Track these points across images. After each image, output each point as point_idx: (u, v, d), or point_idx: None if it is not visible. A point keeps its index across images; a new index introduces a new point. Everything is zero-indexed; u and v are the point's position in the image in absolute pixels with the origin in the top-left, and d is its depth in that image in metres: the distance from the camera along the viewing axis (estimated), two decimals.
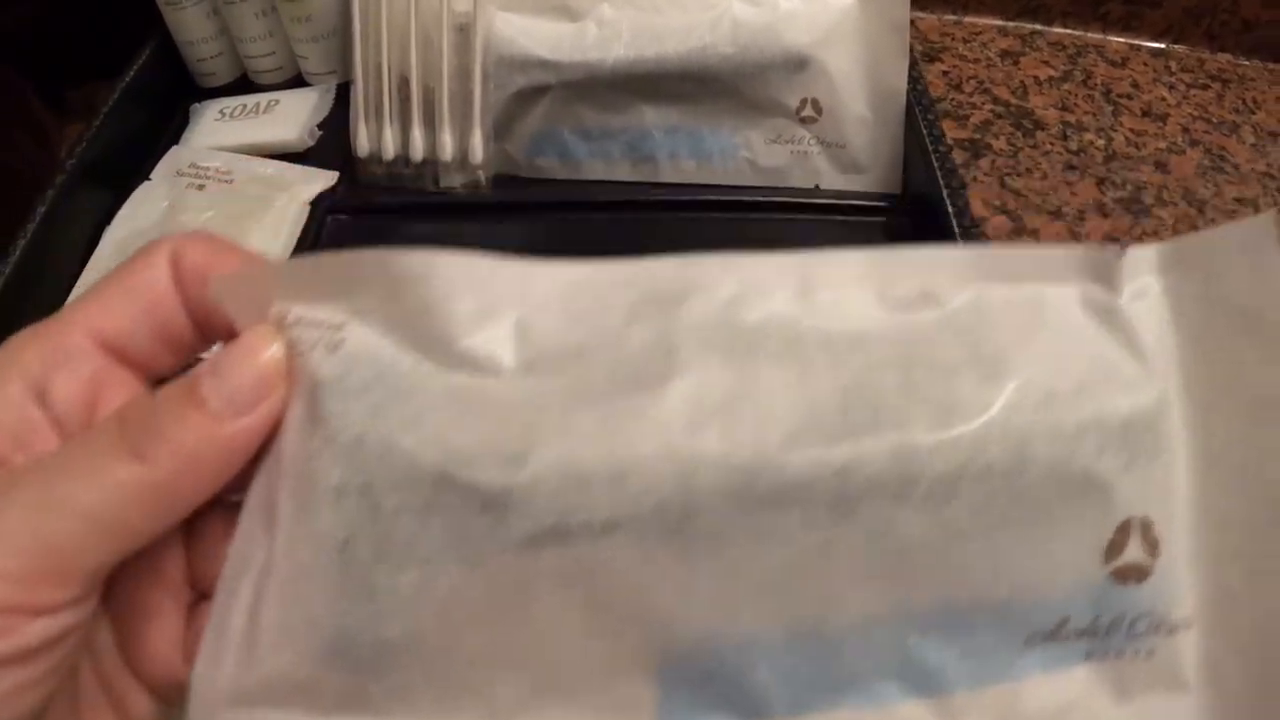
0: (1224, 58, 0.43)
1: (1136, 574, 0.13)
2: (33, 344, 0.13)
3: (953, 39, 0.43)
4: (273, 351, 0.13)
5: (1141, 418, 0.13)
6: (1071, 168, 0.37)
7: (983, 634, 0.13)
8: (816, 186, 0.33)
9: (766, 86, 0.32)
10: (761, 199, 0.33)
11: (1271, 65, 0.42)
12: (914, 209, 0.33)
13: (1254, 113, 0.40)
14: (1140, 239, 0.35)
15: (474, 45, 0.32)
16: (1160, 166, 0.38)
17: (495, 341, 0.12)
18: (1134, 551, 0.13)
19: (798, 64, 0.31)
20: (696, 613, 0.13)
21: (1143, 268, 0.14)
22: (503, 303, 0.13)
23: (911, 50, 0.32)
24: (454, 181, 0.34)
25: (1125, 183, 0.37)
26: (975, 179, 0.37)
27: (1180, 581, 0.13)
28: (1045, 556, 0.13)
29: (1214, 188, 0.37)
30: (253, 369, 0.12)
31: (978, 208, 0.36)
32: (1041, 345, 0.13)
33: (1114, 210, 0.36)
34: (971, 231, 0.28)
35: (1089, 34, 0.43)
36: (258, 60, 0.40)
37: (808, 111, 0.32)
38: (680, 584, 0.12)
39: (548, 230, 0.34)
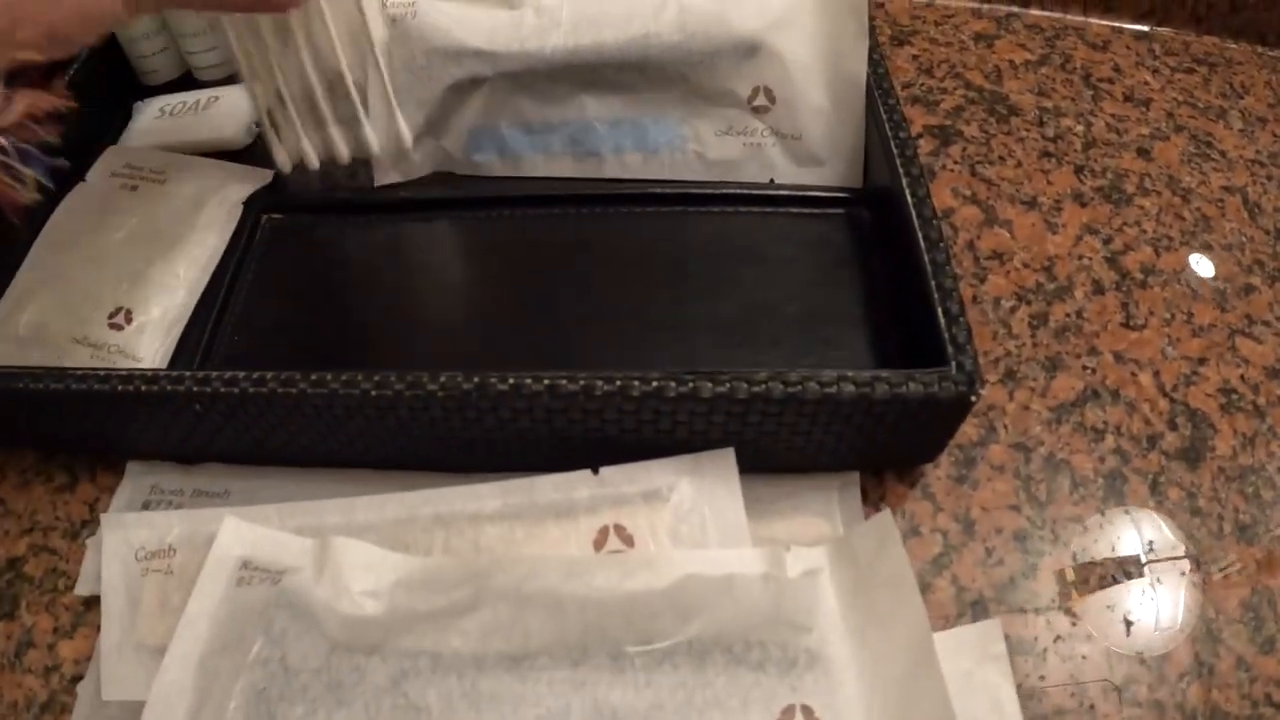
0: (1210, 40, 0.41)
1: None
2: None
3: (924, 22, 0.41)
4: None
5: (798, 642, 0.21)
6: (1048, 155, 0.36)
7: None
8: (771, 181, 0.32)
9: (715, 75, 0.30)
10: (711, 191, 0.32)
11: (1260, 48, 0.40)
12: (873, 201, 0.31)
13: (1242, 97, 0.38)
14: (1121, 229, 0.33)
15: (369, 30, 0.30)
16: (1143, 153, 0.36)
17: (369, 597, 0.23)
18: None
19: (748, 50, 0.30)
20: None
21: (815, 557, 0.23)
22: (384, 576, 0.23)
23: (879, 34, 0.30)
24: (389, 178, 0.33)
25: (1105, 170, 0.35)
26: (944, 167, 0.35)
27: None
28: None
29: (1200, 175, 0.35)
30: None
31: (946, 198, 0.34)
32: (725, 603, 0.21)
33: (1093, 199, 0.34)
34: (932, 224, 0.26)
35: (1068, 16, 0.41)
36: (199, 56, 0.39)
37: (760, 101, 0.31)
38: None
39: (486, 227, 0.32)
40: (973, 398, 0.23)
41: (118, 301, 0.31)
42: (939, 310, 0.24)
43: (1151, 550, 0.26)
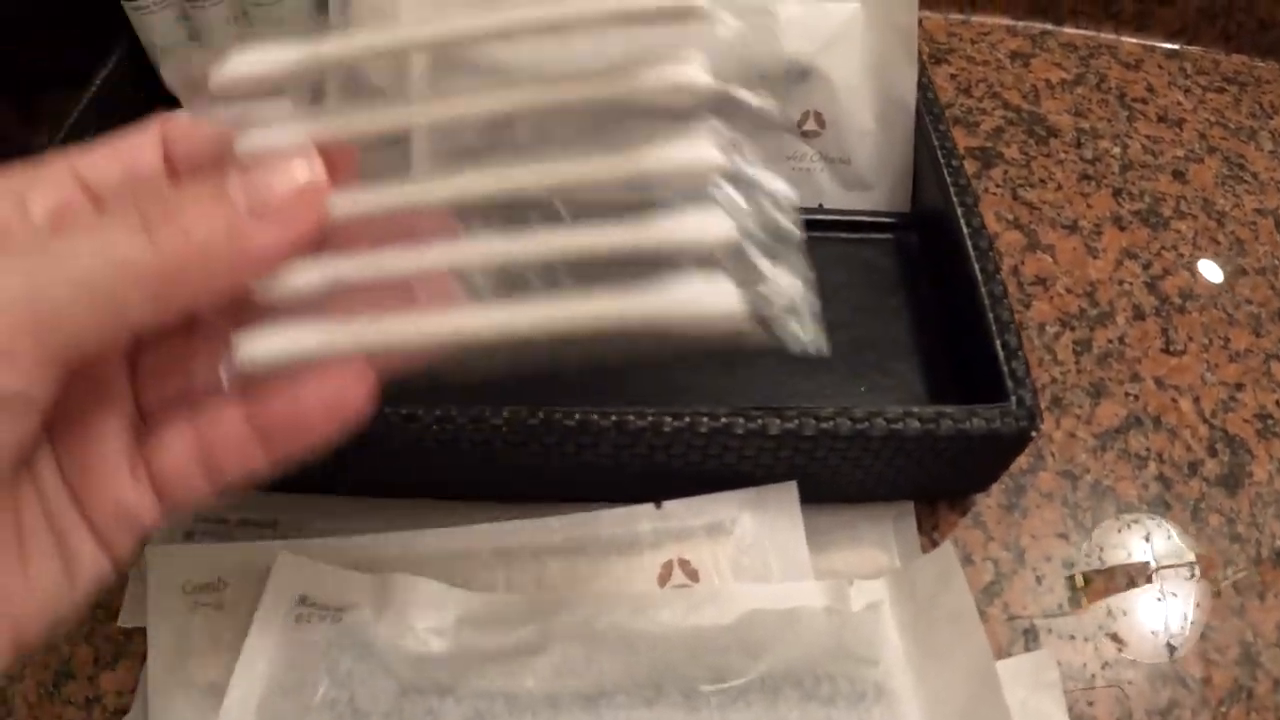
0: (1239, 59, 0.41)
1: None
2: (19, 169, 0.13)
3: (960, 40, 0.41)
4: (313, 174, 0.13)
5: (865, 676, 0.21)
6: (1087, 177, 0.36)
7: None
8: (820, 206, 0.32)
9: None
10: None
11: None
12: (923, 225, 0.31)
13: (1271, 117, 0.39)
14: (1159, 254, 0.34)
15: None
16: (1178, 176, 0.36)
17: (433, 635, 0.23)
18: None
19: (799, 74, 0.30)
20: None
21: (877, 590, 0.23)
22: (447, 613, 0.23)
23: (920, 55, 0.30)
24: None
25: (1142, 193, 0.35)
26: (987, 190, 0.35)
27: None
28: None
29: (1234, 198, 0.36)
30: (289, 181, 0.13)
31: (990, 222, 0.34)
32: (791, 638, 0.21)
33: (1131, 223, 0.35)
34: (988, 255, 0.26)
35: (1101, 34, 0.42)
36: None
37: (810, 125, 0.31)
38: None
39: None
40: (1033, 433, 0.23)
41: None
42: (997, 343, 0.24)
43: (1193, 575, 0.26)
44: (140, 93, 0.38)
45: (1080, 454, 0.28)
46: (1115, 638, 0.25)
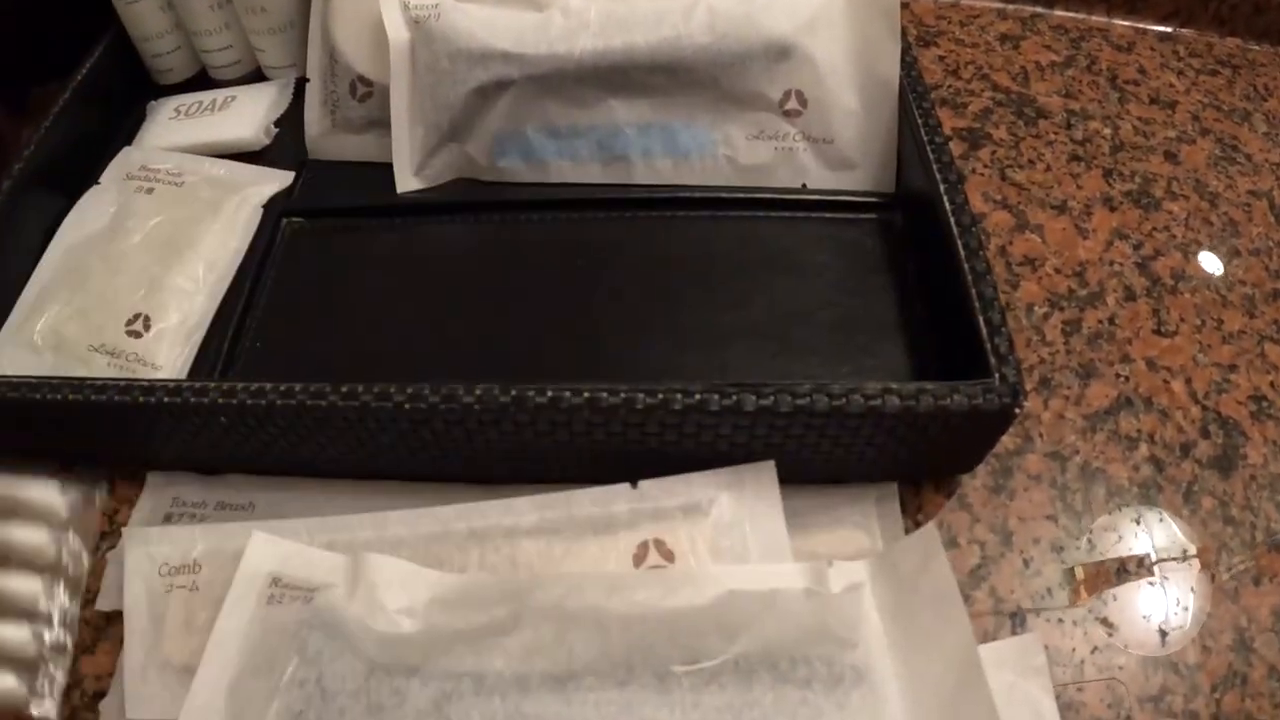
0: (1233, 42, 0.41)
1: None
2: None
3: (949, 22, 0.41)
4: None
5: (843, 659, 0.21)
6: (1076, 158, 0.35)
7: None
8: (803, 185, 0.31)
9: (746, 78, 0.29)
10: (742, 196, 0.31)
11: None
12: (908, 206, 0.31)
13: (1266, 100, 0.38)
14: (1150, 235, 0.33)
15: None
16: (1170, 157, 0.36)
17: (404, 615, 0.22)
18: None
19: (779, 53, 0.29)
20: None
21: (857, 571, 0.23)
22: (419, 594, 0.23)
23: (906, 35, 0.30)
24: (411, 184, 0.32)
25: (1133, 174, 0.35)
26: (974, 171, 0.35)
27: None
28: None
29: (1226, 179, 0.35)
30: None
31: (977, 202, 0.34)
32: (768, 620, 0.21)
33: (1121, 203, 0.34)
34: (971, 231, 0.25)
35: (1092, 17, 0.41)
36: (215, 55, 0.38)
37: (792, 104, 0.30)
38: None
39: (512, 231, 0.32)
40: (1016, 409, 0.22)
41: (135, 308, 0.30)
42: (980, 320, 0.24)
43: (1185, 558, 0.26)
44: (126, 84, 0.38)
45: (1069, 435, 0.28)
46: (1105, 622, 0.24)
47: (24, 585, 0.26)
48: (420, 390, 0.23)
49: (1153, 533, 0.26)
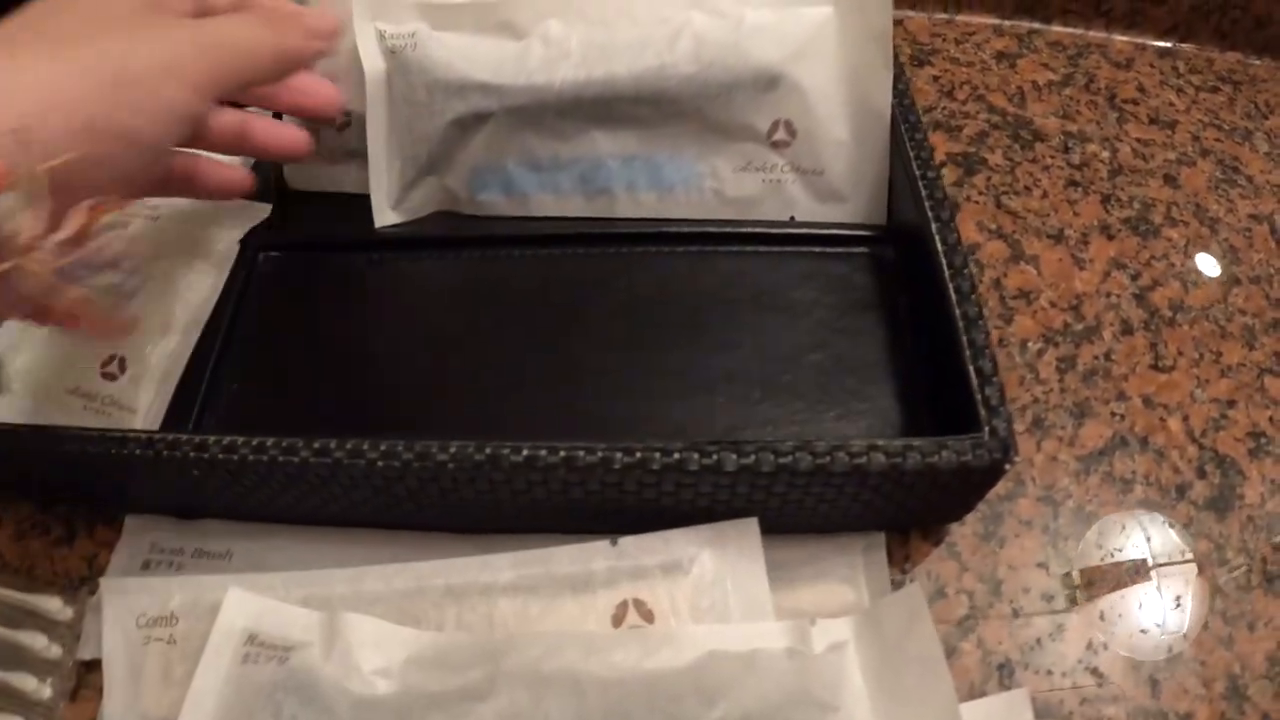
0: (1234, 57, 0.39)
1: None
2: None
3: (944, 40, 0.40)
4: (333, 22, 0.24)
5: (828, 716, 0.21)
6: (1074, 184, 0.34)
7: None
8: (792, 218, 0.30)
9: (732, 108, 0.28)
10: (729, 230, 0.30)
11: None
12: (898, 239, 0.30)
13: (1267, 117, 0.37)
14: (1148, 264, 0.32)
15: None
16: (1169, 180, 0.35)
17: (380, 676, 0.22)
18: None
19: (768, 82, 0.28)
20: None
21: (841, 630, 0.22)
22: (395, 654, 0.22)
23: (899, 56, 0.29)
24: (388, 219, 0.31)
25: (1132, 200, 0.34)
26: (969, 199, 0.34)
27: None
28: None
29: (1227, 203, 0.34)
30: (324, 21, 0.24)
31: (971, 232, 0.33)
32: (749, 681, 0.20)
33: (1119, 231, 0.33)
34: (964, 274, 0.25)
35: (1091, 32, 0.40)
36: None
37: (780, 135, 0.29)
38: None
39: (494, 267, 0.31)
40: (1007, 465, 0.22)
41: (110, 349, 0.29)
42: (970, 369, 0.23)
43: (1179, 605, 0.25)
44: None
45: (1062, 478, 0.27)
46: (1095, 672, 0.24)
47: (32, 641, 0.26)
48: (394, 448, 0.22)
49: (1153, 546, 0.26)
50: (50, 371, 0.29)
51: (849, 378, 0.27)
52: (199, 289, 0.31)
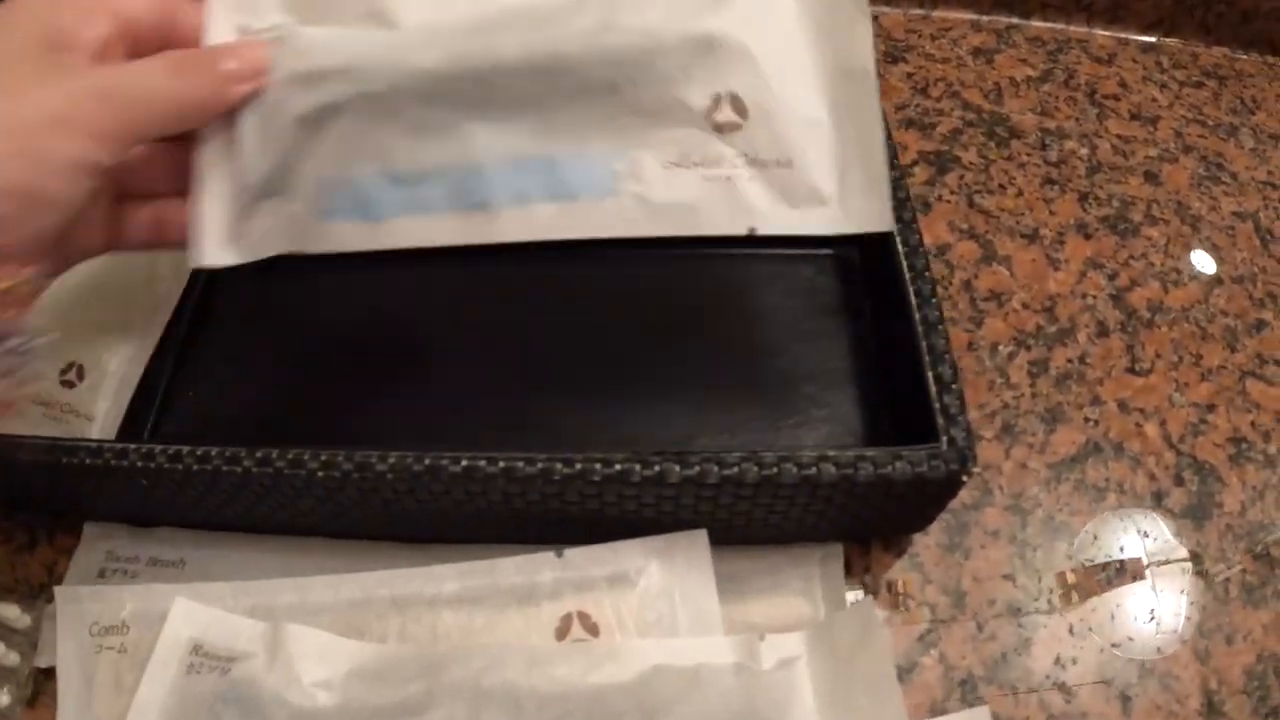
0: (1220, 51, 0.38)
1: None
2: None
3: (919, 36, 0.39)
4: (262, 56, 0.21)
5: None
6: (1050, 182, 0.34)
7: None
8: (751, 231, 0.21)
9: (654, 78, 0.20)
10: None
11: (1271, 59, 0.38)
12: (863, 241, 0.29)
13: (1253, 113, 0.36)
14: (1127, 263, 0.31)
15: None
16: (1150, 177, 0.34)
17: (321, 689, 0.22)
18: None
19: (700, 43, 0.20)
20: None
21: (792, 645, 0.21)
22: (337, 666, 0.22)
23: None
24: (215, 259, 0.22)
25: (1110, 198, 0.33)
26: (940, 198, 0.33)
27: None
28: None
29: (1210, 200, 0.33)
30: (254, 58, 0.21)
31: (942, 232, 0.32)
32: (694, 698, 0.20)
33: (1097, 230, 0.32)
34: (925, 277, 0.24)
35: (1072, 27, 0.39)
36: None
37: (724, 114, 0.20)
38: None
39: (445, 277, 0.29)
40: (965, 477, 0.21)
41: (69, 356, 0.29)
42: (929, 376, 0.22)
43: (1153, 618, 0.24)
44: None
45: (1032, 486, 0.27)
46: (1063, 688, 0.23)
47: None
48: (334, 458, 0.22)
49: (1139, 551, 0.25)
50: None
51: (809, 384, 0.26)
52: (157, 295, 0.31)
